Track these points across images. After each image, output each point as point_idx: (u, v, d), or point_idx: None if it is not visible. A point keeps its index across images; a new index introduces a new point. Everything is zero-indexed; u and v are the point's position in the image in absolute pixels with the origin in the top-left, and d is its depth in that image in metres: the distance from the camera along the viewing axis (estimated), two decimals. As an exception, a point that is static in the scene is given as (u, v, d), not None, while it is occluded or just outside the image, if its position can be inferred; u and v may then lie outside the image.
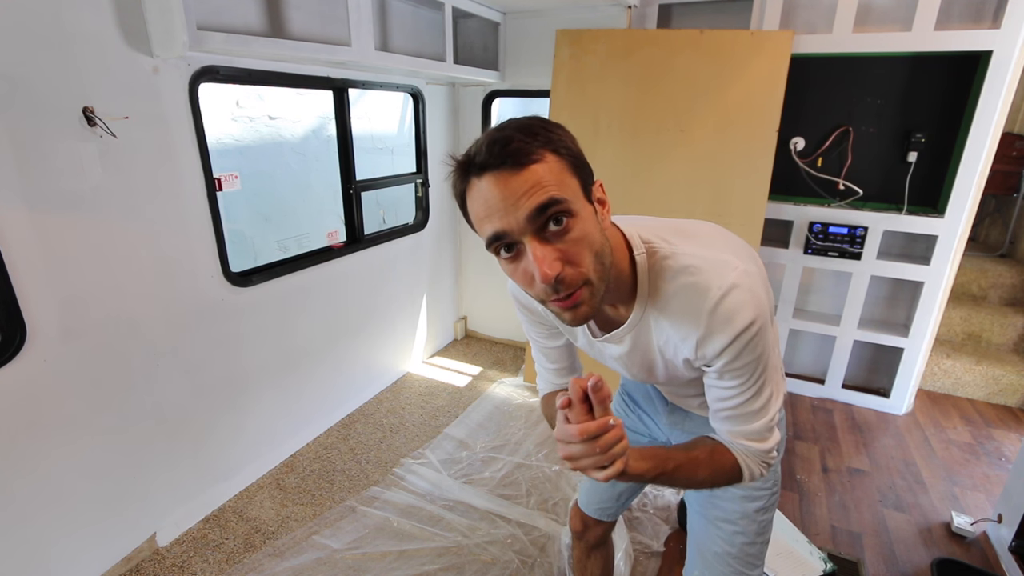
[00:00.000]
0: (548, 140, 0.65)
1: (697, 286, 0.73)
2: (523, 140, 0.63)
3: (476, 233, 0.70)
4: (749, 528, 1.02)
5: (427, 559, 1.83)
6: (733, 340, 0.72)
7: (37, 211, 1.41)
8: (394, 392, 2.95)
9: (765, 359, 0.76)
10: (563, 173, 0.65)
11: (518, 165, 0.62)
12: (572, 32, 2.60)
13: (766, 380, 0.78)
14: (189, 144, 1.75)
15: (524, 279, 0.68)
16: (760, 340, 0.73)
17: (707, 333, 0.73)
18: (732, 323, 0.71)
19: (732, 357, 0.74)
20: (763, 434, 0.81)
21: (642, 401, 1.23)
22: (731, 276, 0.72)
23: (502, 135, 0.63)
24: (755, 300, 0.72)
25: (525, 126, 0.65)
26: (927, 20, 2.27)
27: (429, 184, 3.04)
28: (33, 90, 1.36)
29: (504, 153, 0.62)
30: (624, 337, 0.83)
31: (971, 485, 2.26)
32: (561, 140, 0.66)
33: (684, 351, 0.78)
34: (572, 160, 0.66)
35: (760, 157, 2.42)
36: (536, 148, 0.63)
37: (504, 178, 0.62)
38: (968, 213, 2.44)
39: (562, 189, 0.64)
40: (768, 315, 0.75)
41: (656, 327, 0.80)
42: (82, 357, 1.57)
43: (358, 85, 2.43)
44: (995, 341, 3.09)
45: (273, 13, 1.80)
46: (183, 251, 1.79)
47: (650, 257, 0.77)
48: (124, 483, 1.75)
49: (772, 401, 0.80)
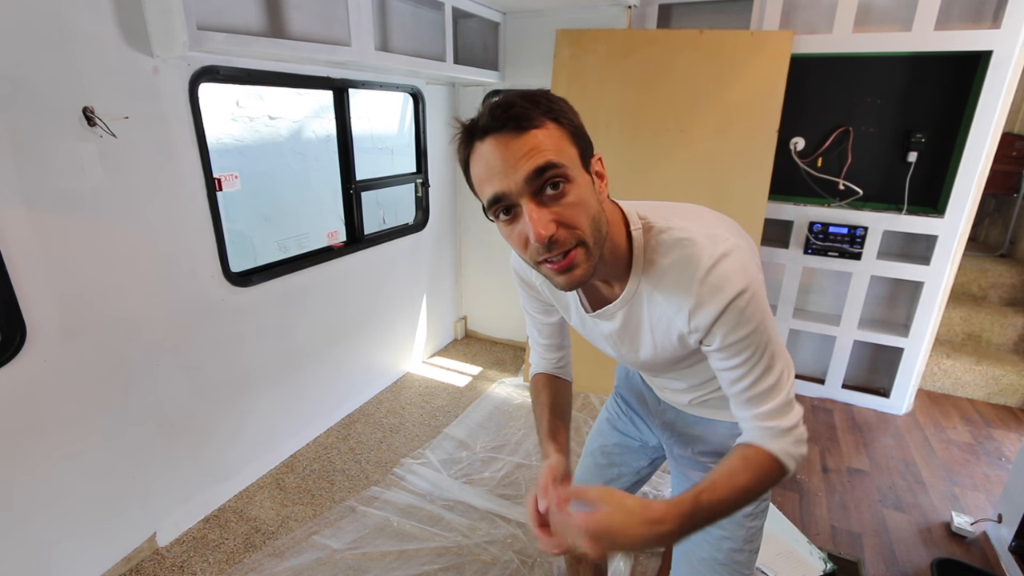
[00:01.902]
0: (549, 109, 0.68)
1: (690, 258, 0.74)
2: (525, 106, 0.66)
3: (478, 198, 0.72)
4: (737, 534, 1.00)
5: (427, 559, 1.83)
6: (725, 308, 0.72)
7: (37, 211, 1.41)
8: (394, 392, 2.95)
9: (766, 334, 0.76)
10: (562, 140, 0.68)
11: (519, 129, 0.65)
12: (572, 32, 2.60)
13: (774, 355, 0.77)
14: (189, 144, 1.75)
15: (519, 241, 0.70)
16: (754, 310, 0.73)
17: (698, 302, 0.74)
18: (723, 291, 0.72)
19: (728, 329, 0.74)
20: (783, 410, 0.79)
21: (635, 402, 1.22)
22: (721, 247, 0.74)
23: (505, 100, 0.66)
24: (745, 270, 0.73)
25: (528, 94, 0.68)
26: (927, 20, 2.27)
27: (429, 184, 3.04)
28: (33, 90, 1.36)
29: (506, 117, 0.65)
30: (616, 313, 0.84)
31: (971, 485, 2.26)
32: (562, 110, 0.69)
33: (678, 324, 0.78)
34: (572, 130, 0.69)
35: (760, 157, 2.42)
36: (537, 115, 0.66)
37: (505, 141, 0.65)
38: (968, 213, 2.44)
39: (560, 155, 0.66)
40: (760, 287, 0.75)
41: (649, 302, 0.81)
42: (82, 357, 1.57)
43: (358, 85, 2.43)
44: (995, 341, 3.09)
45: (273, 13, 1.79)
46: (183, 251, 1.79)
47: (646, 232, 0.78)
48: (124, 483, 1.75)
49: (784, 377, 0.79)
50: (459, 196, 3.36)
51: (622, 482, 1.24)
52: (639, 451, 1.22)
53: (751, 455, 0.79)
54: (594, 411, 2.68)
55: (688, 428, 1.07)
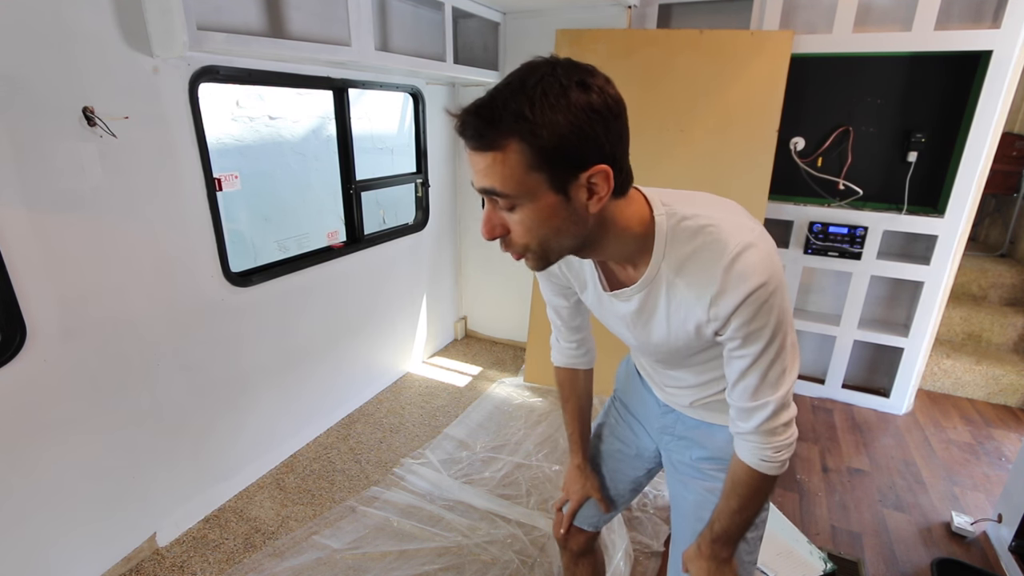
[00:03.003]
0: (522, 120, 0.61)
1: (716, 244, 0.73)
2: (491, 120, 0.63)
3: None
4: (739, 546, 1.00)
5: (427, 559, 1.83)
6: (746, 298, 0.72)
7: (37, 211, 1.41)
8: (394, 392, 2.95)
9: (782, 330, 0.76)
10: (520, 167, 0.64)
11: (477, 148, 0.66)
12: (572, 32, 2.60)
13: (785, 353, 0.78)
14: (189, 144, 1.75)
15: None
16: (774, 304, 0.73)
17: (721, 290, 0.73)
18: (746, 281, 0.71)
19: (745, 319, 0.73)
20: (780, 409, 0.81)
21: (635, 406, 1.21)
22: (748, 236, 0.73)
23: (476, 106, 0.65)
24: (770, 262, 0.72)
25: (506, 98, 0.62)
26: (927, 20, 2.27)
27: (429, 184, 3.04)
28: (33, 90, 1.36)
29: (474, 126, 0.65)
30: (634, 296, 0.84)
31: (971, 485, 2.26)
32: (542, 122, 0.61)
33: (697, 312, 0.77)
34: (547, 147, 0.62)
35: (760, 157, 2.42)
36: (502, 134, 0.63)
37: (471, 148, 0.67)
38: (968, 213, 2.44)
39: (508, 183, 0.66)
40: (782, 282, 0.74)
41: (669, 289, 0.80)
42: (82, 357, 1.57)
43: (358, 85, 2.43)
44: (995, 341, 3.09)
45: (273, 13, 1.79)
46: (183, 251, 1.79)
47: (670, 218, 0.77)
48: (124, 483, 1.75)
49: (788, 375, 0.80)
50: (459, 196, 3.36)
51: (619, 491, 1.23)
52: (635, 460, 1.20)
53: (736, 471, 0.89)
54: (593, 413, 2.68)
55: (688, 432, 1.06)
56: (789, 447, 0.84)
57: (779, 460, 0.84)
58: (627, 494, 1.24)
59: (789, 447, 0.84)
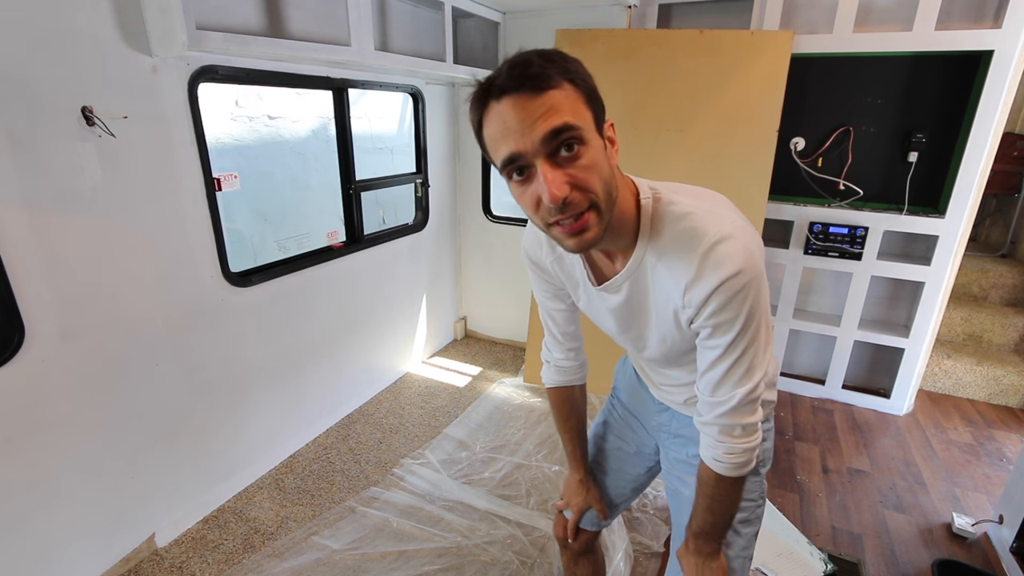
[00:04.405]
0: (566, 69, 0.67)
1: (695, 230, 0.75)
2: (543, 65, 0.65)
3: (490, 160, 0.72)
4: (732, 539, 1.00)
5: (427, 559, 1.83)
6: (718, 286, 0.72)
7: (36, 211, 1.41)
8: (394, 392, 2.94)
9: (753, 325, 0.76)
10: (578, 103, 0.67)
11: (537, 89, 0.64)
12: (572, 32, 2.60)
13: (752, 346, 0.78)
14: (188, 144, 1.74)
15: (532, 202, 0.70)
16: (747, 296, 0.73)
17: (696, 276, 0.74)
18: (720, 269, 0.72)
19: (716, 307, 0.74)
20: (747, 406, 0.81)
21: (633, 403, 1.21)
22: (728, 227, 0.74)
23: (523, 59, 0.66)
24: (747, 253, 0.73)
25: (545, 53, 0.67)
26: (928, 20, 2.27)
27: (429, 184, 3.04)
28: (32, 90, 1.36)
29: (524, 76, 0.64)
30: (622, 284, 0.85)
31: (972, 486, 2.26)
32: (578, 72, 0.68)
33: (674, 298, 0.79)
34: (588, 92, 0.69)
35: (760, 157, 2.41)
36: (555, 75, 0.65)
37: (522, 101, 0.64)
38: (969, 213, 2.43)
39: (576, 117, 0.66)
40: (759, 276, 0.75)
41: (653, 274, 0.81)
42: (81, 357, 1.57)
43: (358, 85, 2.43)
44: (996, 341, 3.08)
45: (272, 13, 1.79)
46: (182, 251, 1.79)
47: (655, 203, 0.79)
48: (123, 483, 1.75)
49: (757, 371, 0.80)
50: (459, 196, 3.36)
51: (621, 491, 1.23)
52: (635, 457, 1.21)
53: (699, 468, 0.92)
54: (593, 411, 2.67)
55: (683, 429, 1.07)
56: (744, 452, 0.84)
57: (732, 463, 0.84)
58: (629, 494, 1.24)
59: (744, 452, 0.84)
